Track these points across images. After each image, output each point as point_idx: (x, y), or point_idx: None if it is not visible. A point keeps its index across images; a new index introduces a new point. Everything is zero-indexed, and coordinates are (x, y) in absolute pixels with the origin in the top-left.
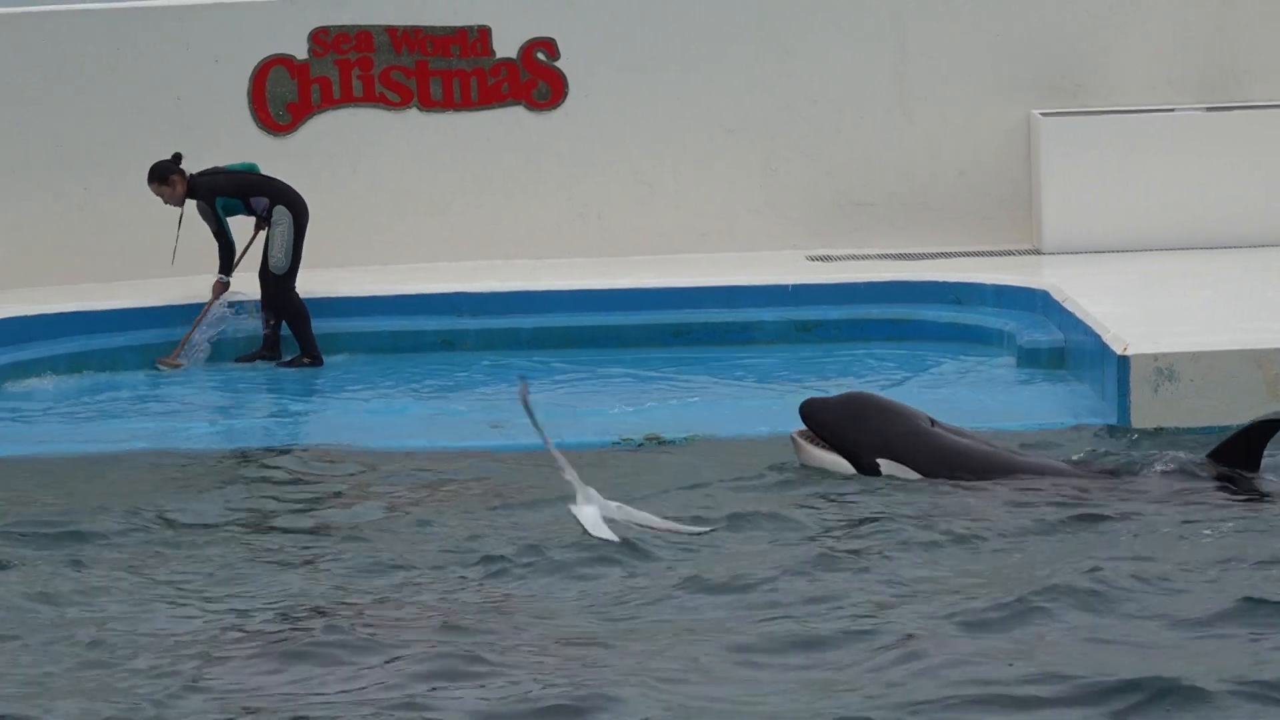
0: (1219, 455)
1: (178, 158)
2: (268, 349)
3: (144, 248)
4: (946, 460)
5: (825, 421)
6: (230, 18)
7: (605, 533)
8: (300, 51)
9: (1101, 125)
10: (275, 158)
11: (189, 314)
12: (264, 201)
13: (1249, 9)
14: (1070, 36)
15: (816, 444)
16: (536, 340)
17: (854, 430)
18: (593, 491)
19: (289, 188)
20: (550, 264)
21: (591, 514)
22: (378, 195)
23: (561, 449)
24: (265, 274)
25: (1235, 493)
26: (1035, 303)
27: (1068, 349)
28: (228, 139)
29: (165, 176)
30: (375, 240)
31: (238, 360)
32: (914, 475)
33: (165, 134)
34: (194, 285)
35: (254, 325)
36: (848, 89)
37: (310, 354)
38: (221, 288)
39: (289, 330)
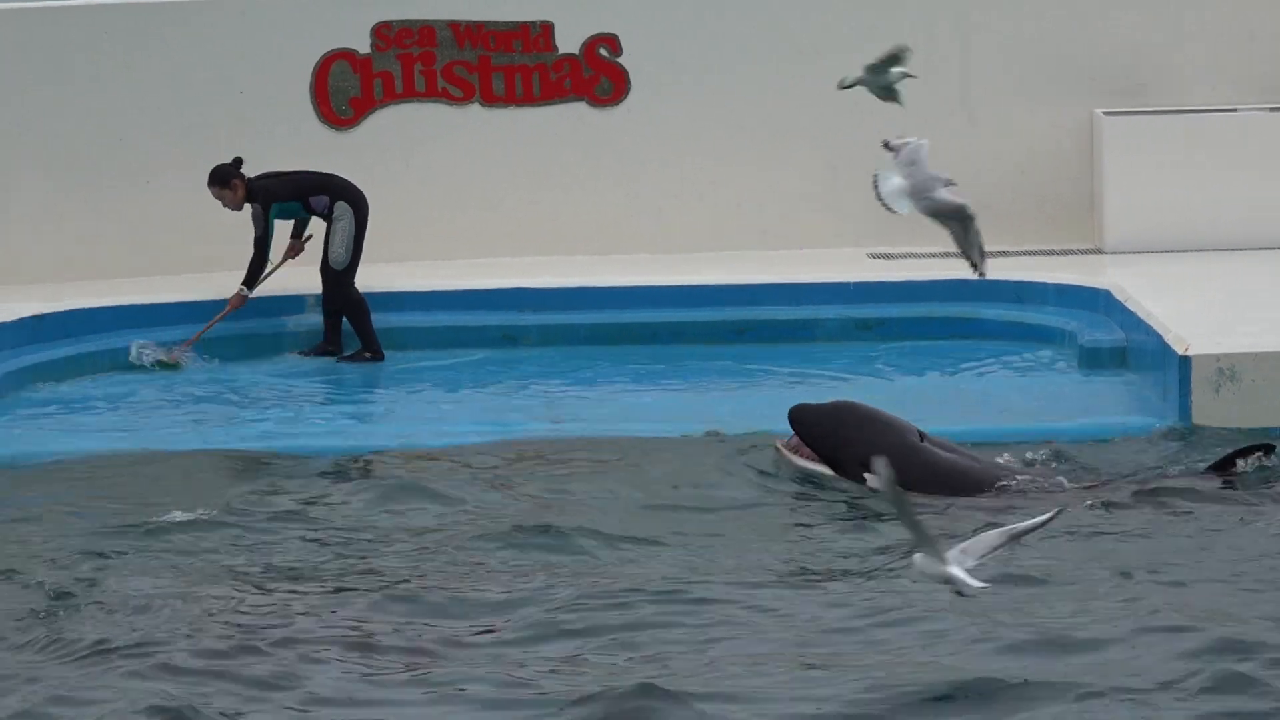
0: (1217, 468)
1: (238, 162)
2: (329, 343)
3: (205, 243)
4: (935, 476)
5: (813, 430)
6: (293, 12)
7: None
8: (363, 46)
9: (1165, 125)
10: (336, 152)
11: (261, 308)
12: (324, 200)
13: None
14: (1134, 35)
15: (802, 454)
16: (596, 336)
17: (842, 441)
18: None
19: (348, 183)
20: (611, 260)
21: (958, 572)
22: (439, 190)
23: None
24: (325, 269)
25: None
26: (1097, 302)
27: (1129, 349)
28: (289, 133)
29: (227, 180)
30: (436, 235)
31: (301, 354)
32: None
33: (227, 128)
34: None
35: (315, 320)
36: (911, 88)
37: (371, 348)
38: (240, 300)
39: (349, 325)
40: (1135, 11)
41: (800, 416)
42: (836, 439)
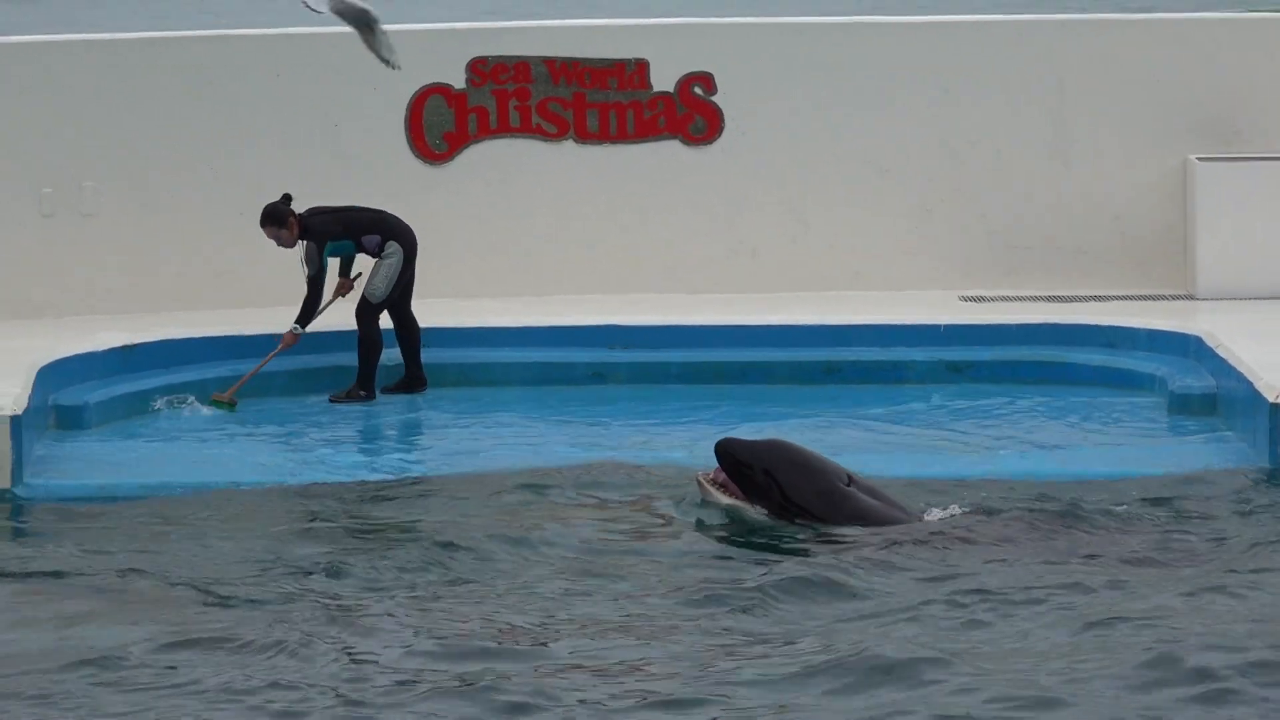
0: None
1: (288, 199)
2: (410, 375)
3: (295, 276)
4: (860, 519)
5: (740, 468)
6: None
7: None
8: (458, 81)
9: (1258, 171)
10: (431, 187)
11: (345, 340)
12: (376, 239)
13: None
14: (1228, 82)
15: (723, 489)
16: (687, 375)
17: (768, 481)
18: None
19: (400, 222)
20: (702, 299)
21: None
22: (532, 226)
23: None
24: (361, 301)
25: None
26: (1188, 348)
27: (1219, 395)
28: (384, 167)
29: (283, 219)
30: (528, 271)
31: (383, 390)
32: None
33: (322, 161)
34: (346, 312)
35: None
36: (1005, 132)
37: (366, 387)
38: (293, 338)
39: (358, 357)
40: (1230, 58)
41: (730, 451)
42: (766, 478)
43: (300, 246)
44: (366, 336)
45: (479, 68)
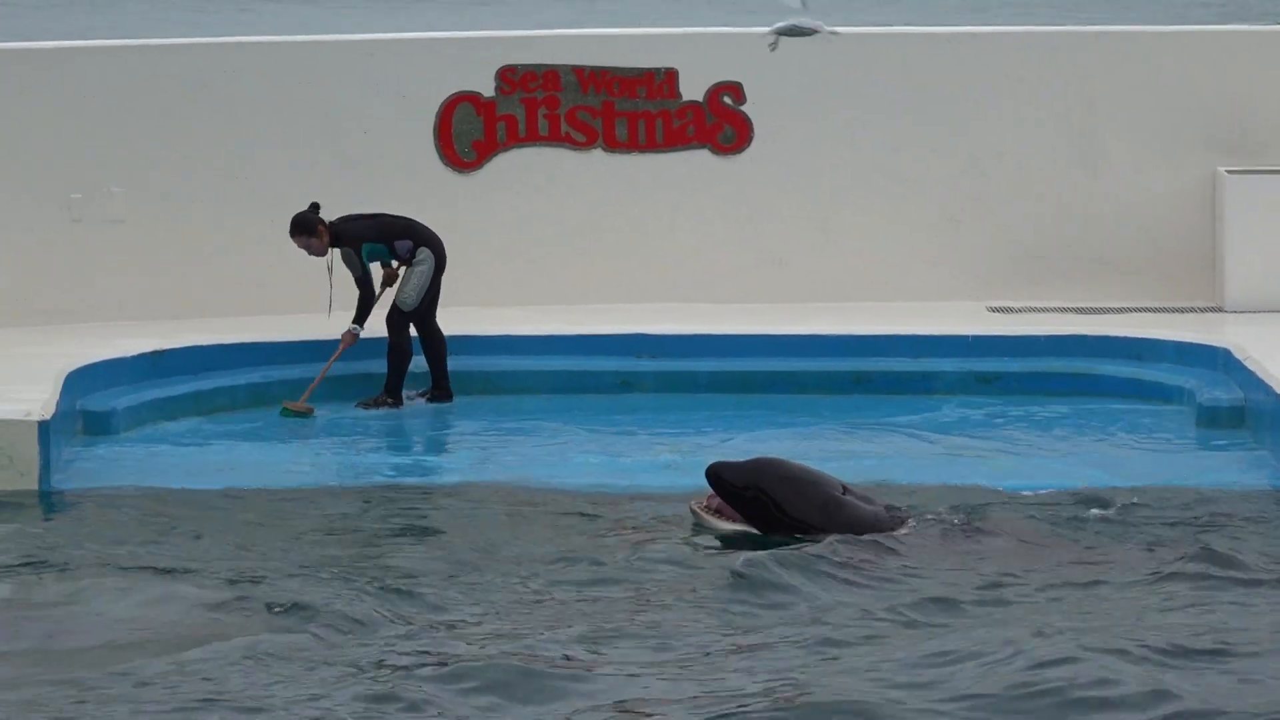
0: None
1: (316, 207)
2: (436, 387)
3: (324, 281)
4: (859, 527)
5: (733, 490)
6: (418, 54)
7: None
8: (487, 89)
9: None
10: (459, 195)
11: (372, 348)
12: (408, 244)
13: None
14: (1257, 94)
15: (718, 514)
16: (714, 384)
17: (763, 500)
18: None
19: (429, 230)
20: (729, 308)
21: None
22: (560, 234)
23: None
24: (392, 310)
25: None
26: (1216, 361)
27: (1248, 408)
28: (413, 175)
29: (313, 228)
30: (556, 280)
31: (417, 397)
32: None
33: (351, 168)
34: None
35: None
36: (1032, 142)
37: (394, 395)
38: (352, 338)
39: (388, 365)
40: (1258, 71)
41: (721, 475)
42: (761, 497)
43: (331, 254)
44: (397, 344)
45: (508, 76)
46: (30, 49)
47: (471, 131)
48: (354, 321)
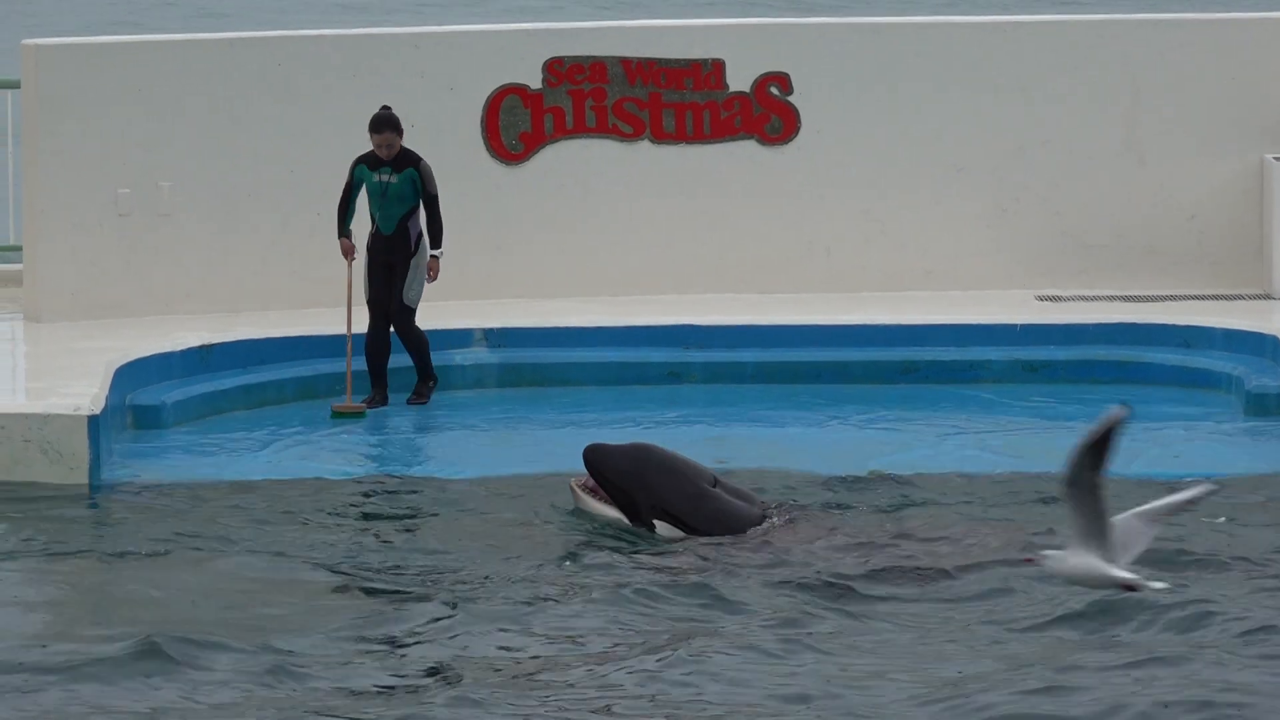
0: None
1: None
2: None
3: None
4: (721, 524)
5: (607, 473)
6: (465, 46)
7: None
8: (534, 81)
9: None
10: (507, 187)
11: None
12: (420, 228)
13: None
14: None
15: (595, 495)
16: (762, 375)
17: (634, 485)
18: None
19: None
20: (777, 298)
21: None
22: (607, 226)
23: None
24: (400, 307)
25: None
26: (1265, 348)
27: None
28: (460, 167)
29: (400, 128)
30: (604, 271)
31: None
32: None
33: None
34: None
35: (482, 353)
36: (1079, 131)
37: (431, 376)
38: (437, 266)
39: (412, 360)
40: None
41: (595, 457)
42: (632, 482)
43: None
44: (414, 337)
45: (555, 68)
46: (76, 44)
47: (519, 123)
48: (434, 247)
